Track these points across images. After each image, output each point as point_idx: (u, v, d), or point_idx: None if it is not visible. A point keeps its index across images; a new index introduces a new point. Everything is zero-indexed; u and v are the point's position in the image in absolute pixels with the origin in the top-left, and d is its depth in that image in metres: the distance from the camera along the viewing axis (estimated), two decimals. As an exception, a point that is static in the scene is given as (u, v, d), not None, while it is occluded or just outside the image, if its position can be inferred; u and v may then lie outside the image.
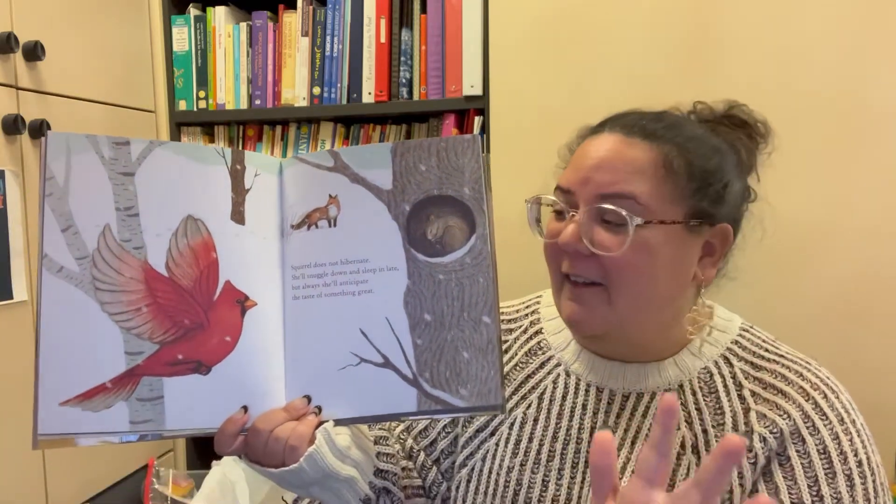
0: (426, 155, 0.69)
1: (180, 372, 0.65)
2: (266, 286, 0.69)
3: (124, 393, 0.64)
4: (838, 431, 0.70)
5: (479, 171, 0.69)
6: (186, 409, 0.65)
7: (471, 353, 0.66)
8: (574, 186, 0.74)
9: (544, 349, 0.85)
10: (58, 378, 0.63)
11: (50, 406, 0.62)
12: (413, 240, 0.68)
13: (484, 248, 0.67)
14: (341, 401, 0.68)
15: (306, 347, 0.69)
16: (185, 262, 0.67)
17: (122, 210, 0.66)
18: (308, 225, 0.70)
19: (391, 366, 0.67)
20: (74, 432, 0.63)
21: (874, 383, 1.24)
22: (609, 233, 0.72)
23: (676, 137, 0.74)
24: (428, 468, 0.85)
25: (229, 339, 0.67)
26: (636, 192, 0.71)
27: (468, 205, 0.68)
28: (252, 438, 0.67)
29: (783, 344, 0.79)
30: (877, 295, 1.25)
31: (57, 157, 0.65)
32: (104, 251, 0.65)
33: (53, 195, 0.65)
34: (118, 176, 0.66)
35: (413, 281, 0.67)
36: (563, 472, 0.78)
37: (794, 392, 0.72)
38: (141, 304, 0.65)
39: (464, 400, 0.65)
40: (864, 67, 1.23)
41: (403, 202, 0.69)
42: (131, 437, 0.64)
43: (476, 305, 0.67)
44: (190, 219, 0.67)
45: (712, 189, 0.74)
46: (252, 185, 0.70)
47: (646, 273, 0.72)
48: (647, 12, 1.31)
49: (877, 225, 1.24)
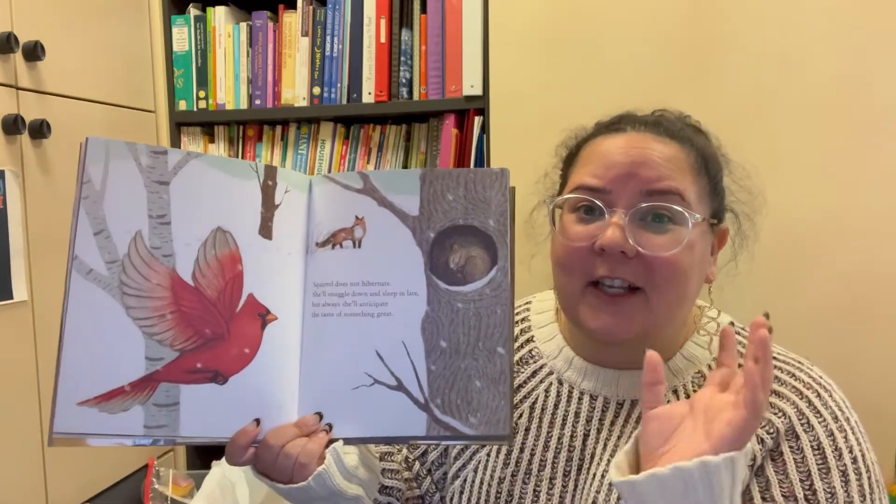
0: (454, 184, 0.70)
1: (198, 380, 0.66)
2: (287, 301, 0.70)
3: (142, 397, 0.65)
4: (833, 429, 0.70)
5: (504, 205, 0.69)
6: (201, 417, 0.66)
7: (483, 382, 0.67)
8: (609, 184, 0.71)
9: (536, 357, 0.83)
10: (78, 378, 0.63)
11: (68, 405, 0.63)
12: (435, 267, 0.69)
13: (504, 280, 0.68)
14: (352, 420, 0.68)
15: (322, 365, 0.69)
16: (211, 273, 0.67)
17: (154, 217, 0.67)
18: (333, 244, 0.71)
19: (404, 389, 0.68)
20: (89, 433, 0.63)
21: (875, 383, 1.24)
22: (654, 232, 0.70)
23: (693, 139, 0.75)
24: (423, 477, 0.85)
25: (248, 352, 0.68)
26: (681, 189, 0.70)
27: (492, 236, 0.69)
28: (262, 452, 0.67)
29: (775, 345, 0.78)
30: (878, 294, 1.25)
31: (95, 161, 0.66)
32: (134, 257, 0.66)
33: (89, 198, 0.65)
34: (153, 184, 0.67)
35: (432, 307, 0.69)
36: (554, 482, 0.77)
37: (787, 391, 0.72)
38: (165, 311, 0.66)
39: (472, 428, 0.66)
40: (865, 66, 1.23)
41: (428, 229, 0.70)
42: (145, 441, 0.65)
43: (492, 336, 0.68)
44: (219, 231, 0.68)
45: (719, 189, 0.76)
46: (282, 201, 0.71)
47: (687, 272, 0.71)
48: (648, 12, 1.31)
49: (878, 224, 1.24)
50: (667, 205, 0.69)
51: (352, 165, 1.60)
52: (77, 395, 0.63)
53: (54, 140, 1.29)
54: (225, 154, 1.67)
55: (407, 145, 1.60)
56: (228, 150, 1.68)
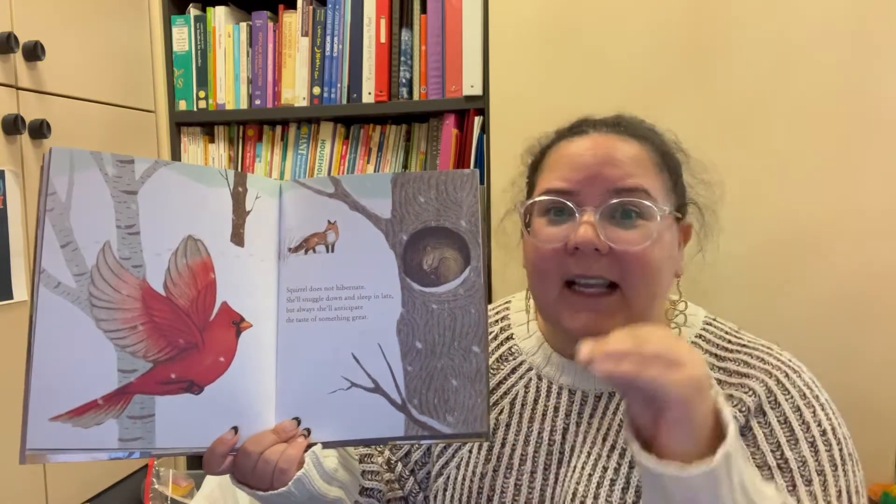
0: (425, 187, 0.70)
1: (172, 391, 0.65)
2: (262, 308, 0.70)
3: (115, 410, 0.64)
4: (800, 405, 0.71)
5: (475, 205, 0.70)
6: (177, 428, 0.65)
7: (459, 381, 0.68)
8: (577, 186, 0.73)
9: (515, 354, 0.85)
10: (49, 393, 0.63)
11: (40, 421, 0.62)
12: (409, 269, 0.70)
13: (477, 280, 0.69)
14: (330, 424, 0.68)
15: (298, 370, 0.69)
16: (183, 282, 0.67)
17: (122, 228, 0.66)
18: (306, 249, 0.71)
19: (381, 391, 0.68)
20: (63, 448, 0.62)
21: (875, 381, 1.24)
22: (624, 228, 0.71)
23: (654, 137, 0.77)
24: (406, 478, 0.86)
25: (223, 360, 0.67)
26: (647, 185, 0.72)
27: (464, 237, 0.70)
28: (241, 460, 0.67)
29: (746, 333, 0.80)
30: (878, 293, 1.25)
31: (60, 172, 0.65)
32: (103, 268, 0.65)
33: (54, 210, 0.64)
34: (121, 194, 0.66)
35: (407, 309, 0.69)
36: (535, 475, 0.78)
37: (757, 372, 0.74)
38: (137, 323, 0.65)
39: (450, 427, 0.67)
40: (866, 65, 1.23)
41: (401, 231, 0.70)
42: (120, 455, 0.64)
43: (467, 335, 0.68)
44: (190, 239, 0.68)
45: (679, 184, 0.78)
46: (253, 207, 0.71)
47: (658, 266, 0.72)
48: (648, 11, 1.31)
49: (879, 223, 1.24)
50: (635, 200, 0.71)
51: (352, 165, 1.60)
52: (49, 411, 0.62)
53: (54, 140, 1.29)
54: (225, 154, 1.67)
55: (407, 145, 1.60)
56: (228, 151, 1.68)
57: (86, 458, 0.63)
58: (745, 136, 1.27)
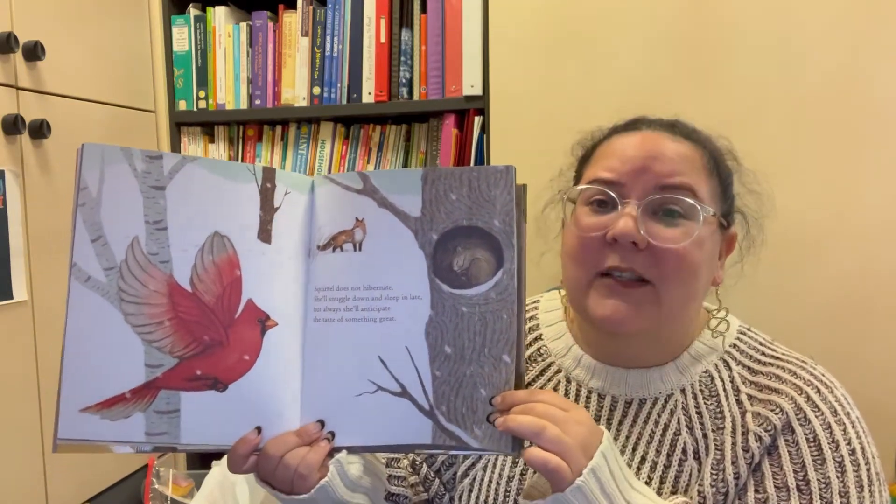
0: (457, 183, 0.67)
1: (197, 387, 0.66)
2: (288, 306, 0.69)
3: (142, 404, 0.64)
4: (831, 422, 0.70)
5: (510, 204, 0.66)
6: (202, 425, 0.65)
7: (488, 391, 0.65)
8: (624, 178, 0.72)
9: (544, 356, 0.83)
10: (80, 385, 0.63)
11: (71, 412, 0.63)
12: (438, 270, 0.67)
13: (510, 283, 0.65)
14: (355, 428, 0.67)
15: (324, 371, 0.68)
16: (209, 279, 0.67)
17: (151, 223, 0.66)
18: (333, 247, 0.69)
19: (408, 395, 0.66)
20: (92, 439, 0.63)
21: (876, 382, 1.24)
22: (665, 225, 0.70)
23: (707, 142, 0.76)
24: (431, 480, 0.85)
25: (248, 358, 0.67)
26: (694, 185, 0.71)
27: (497, 238, 0.66)
28: (262, 461, 0.66)
29: (780, 345, 0.78)
30: (879, 293, 1.25)
31: (91, 167, 0.65)
32: (131, 263, 0.65)
33: (86, 205, 0.65)
34: (149, 189, 0.66)
35: (436, 311, 0.66)
36: None
37: (787, 388, 0.72)
38: (163, 318, 0.65)
39: (477, 440, 0.64)
40: (866, 65, 1.23)
41: (431, 231, 0.67)
42: (146, 448, 0.65)
43: (497, 343, 0.65)
44: (217, 235, 0.67)
45: (729, 193, 0.77)
46: (281, 203, 0.70)
47: (696, 268, 0.71)
48: (647, 12, 1.31)
49: (880, 223, 1.24)
50: (679, 197, 0.70)
51: (352, 165, 1.60)
52: (79, 402, 0.63)
53: (54, 140, 1.30)
54: (225, 154, 1.67)
55: (407, 145, 1.60)
56: (228, 150, 1.68)
57: (114, 450, 0.64)
58: (745, 136, 1.27)
